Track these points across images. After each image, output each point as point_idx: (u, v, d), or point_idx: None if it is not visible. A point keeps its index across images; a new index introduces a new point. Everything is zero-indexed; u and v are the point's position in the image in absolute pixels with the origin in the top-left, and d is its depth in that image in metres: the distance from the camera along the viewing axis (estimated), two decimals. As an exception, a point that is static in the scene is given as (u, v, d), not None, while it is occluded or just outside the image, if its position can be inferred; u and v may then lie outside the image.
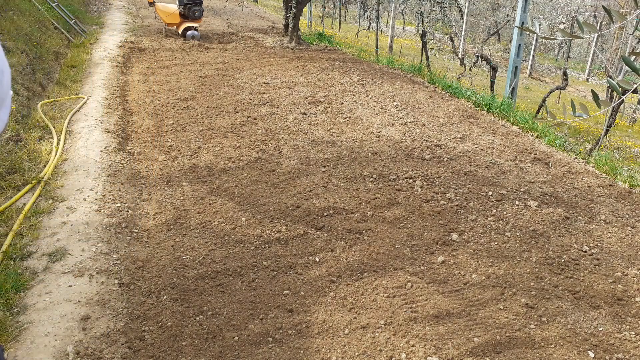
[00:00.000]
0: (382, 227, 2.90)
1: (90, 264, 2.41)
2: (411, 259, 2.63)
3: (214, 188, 3.31)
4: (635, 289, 2.49)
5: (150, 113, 4.67)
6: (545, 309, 2.29)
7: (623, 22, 1.35)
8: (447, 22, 9.29)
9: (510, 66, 6.18)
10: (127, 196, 3.14)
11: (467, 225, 2.97)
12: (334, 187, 3.34)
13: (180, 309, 2.20)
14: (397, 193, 3.30)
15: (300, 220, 2.94)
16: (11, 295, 2.14)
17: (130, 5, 11.78)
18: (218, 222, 2.91)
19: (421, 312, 2.22)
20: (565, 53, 18.57)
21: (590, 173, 3.89)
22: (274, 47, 8.15)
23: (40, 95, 4.83)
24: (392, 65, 7.42)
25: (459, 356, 1.99)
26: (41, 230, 2.67)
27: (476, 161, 3.89)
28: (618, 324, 2.25)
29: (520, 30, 5.86)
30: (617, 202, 3.42)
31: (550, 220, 3.07)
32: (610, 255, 2.78)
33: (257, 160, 3.72)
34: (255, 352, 2.00)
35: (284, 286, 2.38)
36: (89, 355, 1.90)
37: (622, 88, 1.35)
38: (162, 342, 2.02)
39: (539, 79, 15.65)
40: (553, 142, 4.53)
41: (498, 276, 2.51)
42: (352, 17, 20.94)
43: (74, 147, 3.77)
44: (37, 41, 5.96)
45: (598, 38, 14.96)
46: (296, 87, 5.65)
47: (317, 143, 4.08)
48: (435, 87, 6.31)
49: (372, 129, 4.46)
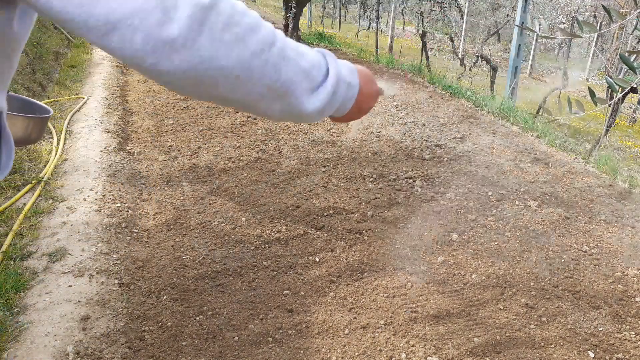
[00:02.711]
0: (382, 227, 2.90)
1: (90, 264, 2.41)
2: (411, 259, 2.63)
3: (214, 188, 3.31)
4: (635, 289, 2.49)
5: (150, 113, 4.67)
6: (545, 309, 2.29)
7: (623, 22, 1.35)
8: (447, 22, 9.29)
9: (510, 66, 6.18)
10: (127, 196, 3.14)
11: (467, 225, 2.97)
12: (334, 187, 3.34)
13: (180, 309, 2.20)
14: (397, 193, 3.30)
15: (300, 220, 2.94)
16: (11, 295, 2.14)
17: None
18: (218, 222, 2.91)
19: (421, 312, 2.22)
20: (565, 53, 18.56)
21: (590, 173, 3.89)
22: (274, 47, 8.14)
23: (40, 95, 4.83)
24: (392, 65, 7.42)
25: (459, 356, 1.99)
26: (41, 230, 2.67)
27: (476, 161, 3.89)
28: (618, 324, 2.25)
29: (520, 30, 5.86)
30: (617, 202, 3.42)
31: (550, 220, 3.07)
32: (610, 255, 2.78)
33: (257, 160, 3.72)
34: (255, 352, 1.99)
35: (284, 286, 2.38)
36: (89, 355, 1.90)
37: (620, 86, 1.35)
38: (162, 342, 2.02)
39: (539, 79, 15.65)
40: (553, 142, 4.53)
41: (498, 276, 2.51)
42: (352, 17, 20.95)
43: (74, 147, 3.77)
44: (37, 41, 5.96)
45: (598, 38, 14.95)
46: (296, 87, 5.64)
47: (317, 143, 4.08)
48: (435, 87, 6.31)
49: (372, 129, 4.46)
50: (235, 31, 0.63)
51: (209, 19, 0.61)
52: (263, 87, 0.67)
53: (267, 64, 0.66)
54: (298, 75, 0.70)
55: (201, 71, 0.62)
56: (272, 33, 0.68)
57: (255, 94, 0.68)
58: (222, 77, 0.64)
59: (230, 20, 0.63)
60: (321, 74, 0.74)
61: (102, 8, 0.57)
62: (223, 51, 0.62)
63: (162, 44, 0.59)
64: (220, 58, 0.62)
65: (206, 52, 0.61)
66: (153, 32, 0.58)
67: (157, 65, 0.60)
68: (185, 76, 0.62)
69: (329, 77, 0.75)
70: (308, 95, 0.73)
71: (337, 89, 0.76)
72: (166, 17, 0.58)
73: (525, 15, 5.83)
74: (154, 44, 0.59)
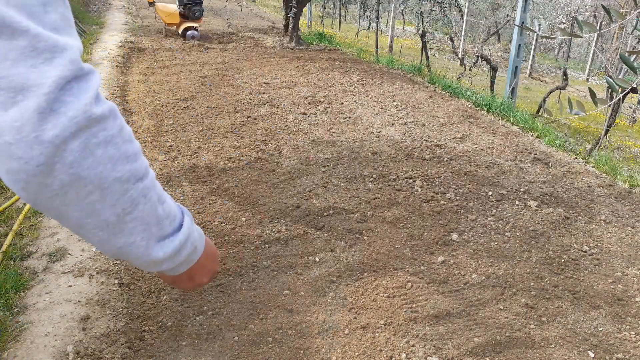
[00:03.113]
0: (382, 227, 2.90)
1: (90, 264, 2.41)
2: (411, 259, 2.63)
3: (214, 188, 3.31)
4: (635, 289, 2.50)
5: (150, 113, 4.67)
6: (545, 309, 2.30)
7: (622, 22, 1.35)
8: (447, 22, 9.29)
9: (510, 66, 6.19)
10: (127, 196, 3.14)
11: (467, 225, 2.97)
12: (334, 187, 3.34)
13: (180, 309, 2.20)
14: (397, 193, 3.30)
15: (300, 220, 2.94)
16: (11, 295, 2.14)
17: (130, 5, 11.79)
18: (218, 222, 2.91)
19: (421, 312, 2.22)
20: (565, 53, 18.57)
21: (590, 173, 3.89)
22: (274, 47, 8.15)
23: (40, 95, 4.83)
24: (392, 65, 7.42)
25: (459, 356, 1.99)
26: (41, 230, 2.67)
27: (476, 161, 3.89)
28: (618, 324, 2.25)
29: (520, 29, 5.86)
30: (617, 202, 3.42)
31: (550, 220, 3.07)
32: (610, 255, 2.78)
33: (257, 160, 3.72)
34: (255, 352, 2.00)
35: (284, 286, 2.39)
36: (89, 355, 1.90)
37: (620, 87, 1.35)
38: (162, 342, 2.02)
39: (539, 79, 15.65)
40: (553, 142, 4.53)
41: (498, 276, 2.51)
42: (352, 17, 20.95)
43: (74, 147, 3.77)
44: (37, 41, 5.95)
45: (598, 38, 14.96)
46: (296, 87, 5.65)
47: (317, 143, 4.08)
48: (435, 87, 6.31)
49: (372, 129, 4.46)
50: (109, 152, 0.61)
51: (91, 129, 0.59)
52: (112, 215, 0.64)
53: (125, 194, 0.64)
54: (152, 217, 0.69)
55: (57, 172, 0.57)
56: (144, 169, 0.67)
57: (101, 220, 0.64)
58: (74, 188, 0.60)
59: (110, 140, 0.61)
60: (172, 227, 0.74)
61: None
62: (88, 162, 0.59)
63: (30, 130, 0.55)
64: (82, 167, 0.59)
65: (71, 155, 0.58)
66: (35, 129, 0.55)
67: (12, 145, 0.55)
68: (36, 170, 0.56)
69: (180, 232, 0.75)
70: (154, 242, 0.71)
71: (183, 246, 0.76)
72: (49, 115, 0.56)
73: (525, 15, 5.83)
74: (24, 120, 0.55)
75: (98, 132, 0.60)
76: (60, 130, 0.56)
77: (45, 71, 0.55)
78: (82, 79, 0.59)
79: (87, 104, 0.58)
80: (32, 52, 0.55)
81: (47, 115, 0.55)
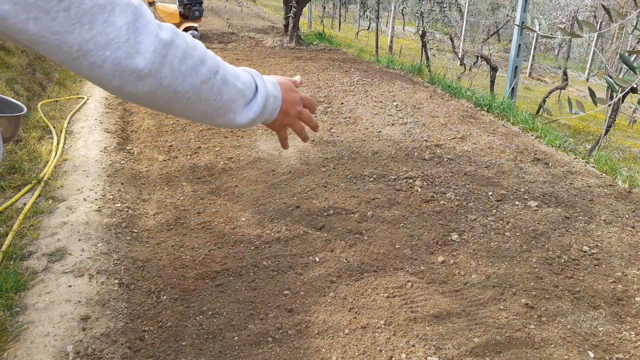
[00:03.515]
0: (382, 227, 2.90)
1: (90, 264, 2.41)
2: (411, 259, 2.63)
3: (214, 188, 3.31)
4: (635, 289, 2.49)
5: (151, 113, 4.67)
6: (545, 309, 2.29)
7: (623, 22, 1.35)
8: (447, 22, 9.29)
9: (510, 66, 6.19)
10: (127, 196, 3.14)
11: (467, 225, 2.97)
12: (334, 187, 3.34)
13: (180, 309, 2.20)
14: (397, 193, 3.30)
15: (300, 220, 2.94)
16: (11, 295, 2.14)
17: (130, 6, 11.77)
18: (218, 222, 2.91)
19: (421, 312, 2.22)
20: (565, 53, 18.57)
21: (590, 173, 3.89)
22: (274, 47, 8.15)
23: (40, 95, 4.83)
24: (392, 65, 7.42)
25: (459, 356, 1.99)
26: (41, 230, 2.67)
27: (476, 161, 3.89)
28: (618, 324, 2.25)
29: (520, 29, 5.86)
30: (617, 202, 3.42)
31: (550, 220, 3.07)
32: (610, 255, 2.78)
33: (257, 160, 3.72)
34: (255, 352, 2.00)
35: (284, 286, 2.38)
36: (89, 355, 1.90)
37: (620, 86, 1.35)
38: (162, 342, 2.02)
39: (539, 79, 15.65)
40: (553, 142, 4.53)
41: (498, 276, 2.51)
42: (352, 17, 20.95)
43: (74, 147, 3.77)
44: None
45: (598, 38, 14.95)
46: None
47: (317, 143, 4.08)
48: (435, 87, 6.31)
49: (372, 129, 4.46)
50: (189, 63, 0.75)
51: (169, 53, 0.72)
52: (208, 107, 0.82)
53: (212, 89, 0.80)
54: (235, 95, 0.86)
55: (159, 94, 0.74)
56: (216, 62, 0.81)
57: (202, 112, 0.82)
58: (175, 99, 0.76)
59: (185, 54, 0.75)
60: (252, 92, 0.90)
61: (76, 38, 0.64)
62: (180, 79, 0.74)
63: (129, 73, 0.68)
64: (177, 85, 0.74)
65: (166, 80, 0.73)
66: (122, 62, 0.67)
67: (121, 87, 0.70)
68: (145, 97, 0.73)
69: (258, 93, 0.91)
70: (242, 110, 0.89)
71: (265, 102, 0.92)
72: (133, 51, 0.67)
73: (525, 15, 5.83)
74: (121, 72, 0.68)
75: (175, 52, 0.73)
76: (151, 63, 0.69)
77: (115, 22, 0.65)
78: (140, 15, 0.69)
79: (157, 34, 0.70)
80: (99, 9, 0.64)
81: (136, 58, 0.68)
